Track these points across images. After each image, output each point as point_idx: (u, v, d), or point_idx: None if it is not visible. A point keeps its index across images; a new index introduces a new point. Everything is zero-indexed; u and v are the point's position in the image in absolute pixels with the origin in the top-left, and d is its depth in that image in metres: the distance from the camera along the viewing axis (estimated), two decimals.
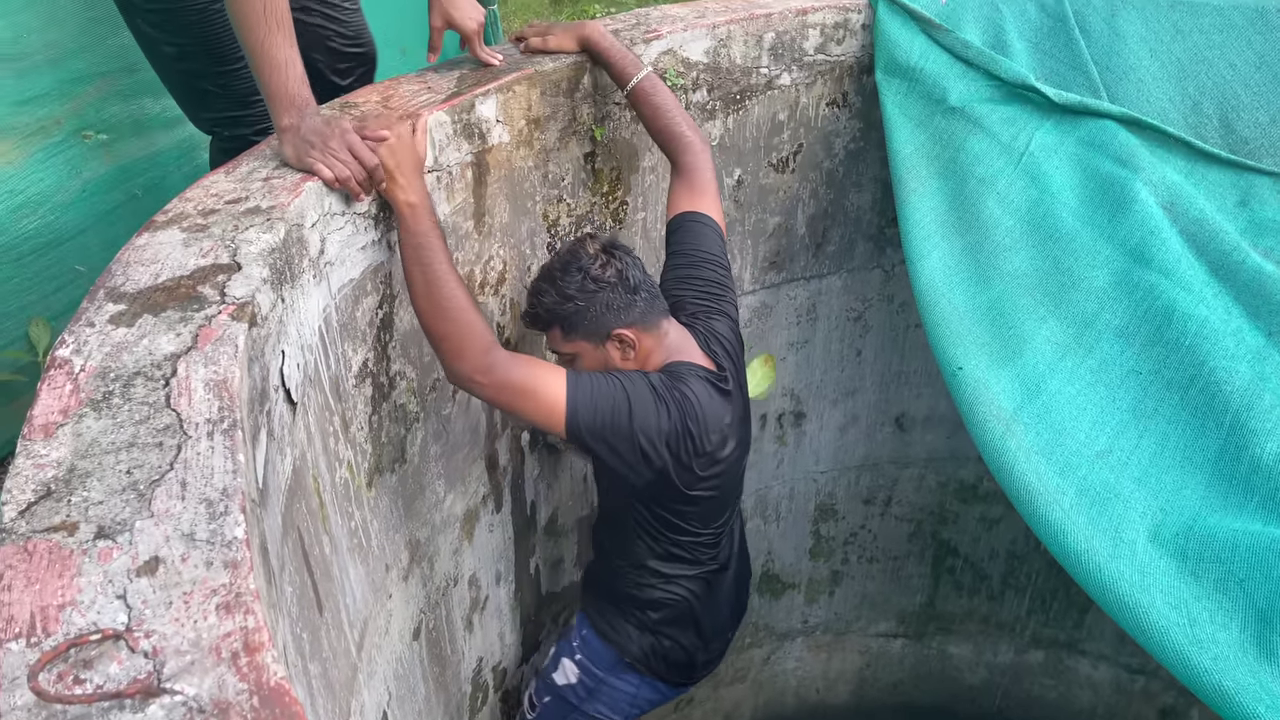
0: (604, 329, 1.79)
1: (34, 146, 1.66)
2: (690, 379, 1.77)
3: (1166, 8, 2.47)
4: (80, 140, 1.75)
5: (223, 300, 1.16)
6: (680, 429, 1.72)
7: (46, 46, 1.64)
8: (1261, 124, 2.34)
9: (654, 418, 1.70)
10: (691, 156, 1.99)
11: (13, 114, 1.63)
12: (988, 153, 2.29)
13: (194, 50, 1.80)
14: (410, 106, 1.75)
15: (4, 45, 1.58)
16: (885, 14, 2.45)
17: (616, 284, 1.78)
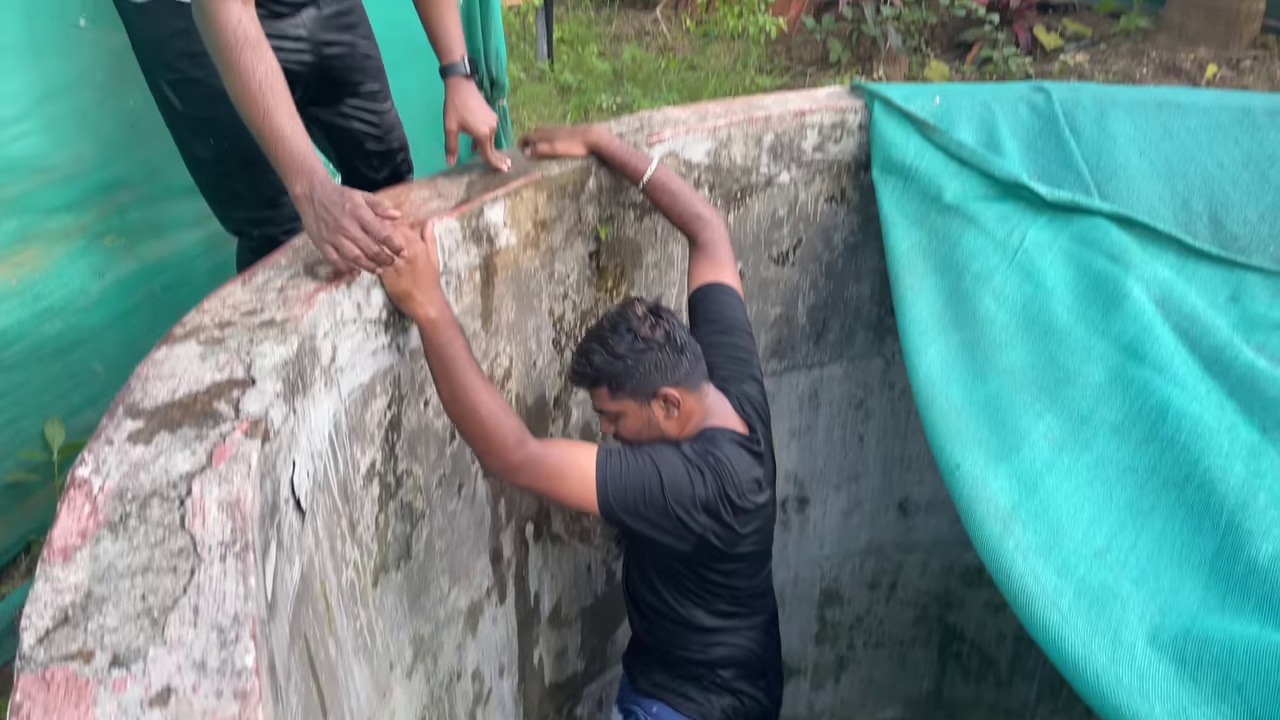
0: (650, 388, 1.82)
1: (58, 251, 1.72)
2: (723, 443, 1.82)
3: (1154, 108, 2.55)
4: (103, 244, 1.81)
5: (237, 416, 1.20)
6: (718, 493, 1.77)
7: (77, 159, 1.72)
8: (1250, 221, 2.40)
9: (688, 488, 1.74)
10: (710, 233, 2.08)
11: (41, 221, 1.69)
12: (983, 249, 2.35)
13: (227, 153, 1.87)
14: (421, 213, 1.81)
15: (39, 158, 1.66)
16: (881, 115, 2.53)
17: (664, 344, 1.82)
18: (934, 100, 2.55)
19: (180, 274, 1.97)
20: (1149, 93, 2.66)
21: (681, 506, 1.73)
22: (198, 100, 1.80)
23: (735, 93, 5.01)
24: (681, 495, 1.73)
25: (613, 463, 1.70)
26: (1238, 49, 4.87)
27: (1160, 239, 2.35)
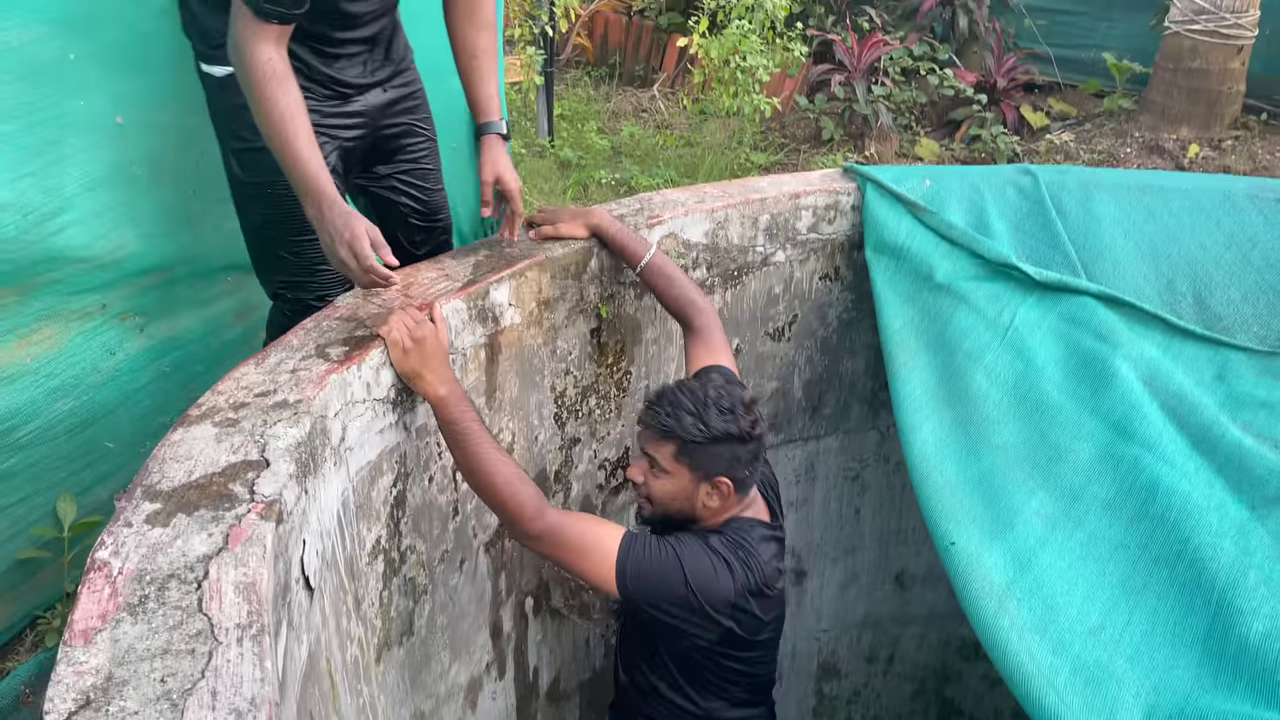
0: (714, 470, 1.82)
1: (75, 330, 1.77)
2: (752, 534, 1.84)
3: (1137, 191, 2.64)
4: (118, 322, 1.86)
5: (252, 498, 1.24)
6: (745, 587, 1.78)
7: (114, 248, 1.78)
8: (1234, 301, 2.47)
9: (714, 582, 1.74)
10: (705, 319, 2.12)
11: (66, 302, 1.74)
12: (974, 327, 2.40)
13: (273, 220, 2.00)
14: (429, 294, 1.87)
15: (78, 249, 1.71)
16: (873, 197, 2.61)
17: (751, 443, 1.83)
18: (924, 183, 2.63)
19: (190, 352, 2.02)
20: (1132, 175, 2.75)
21: (707, 600, 1.73)
22: (256, 168, 1.93)
23: (730, 169, 5.13)
24: (707, 590, 1.73)
25: (636, 548, 1.71)
26: (1219, 129, 5.01)
27: (1146, 318, 2.41)
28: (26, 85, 1.61)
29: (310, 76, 1.90)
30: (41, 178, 1.62)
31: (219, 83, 1.90)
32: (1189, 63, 4.99)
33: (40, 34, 1.61)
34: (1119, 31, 6.46)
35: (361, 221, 1.74)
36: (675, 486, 1.84)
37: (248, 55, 1.70)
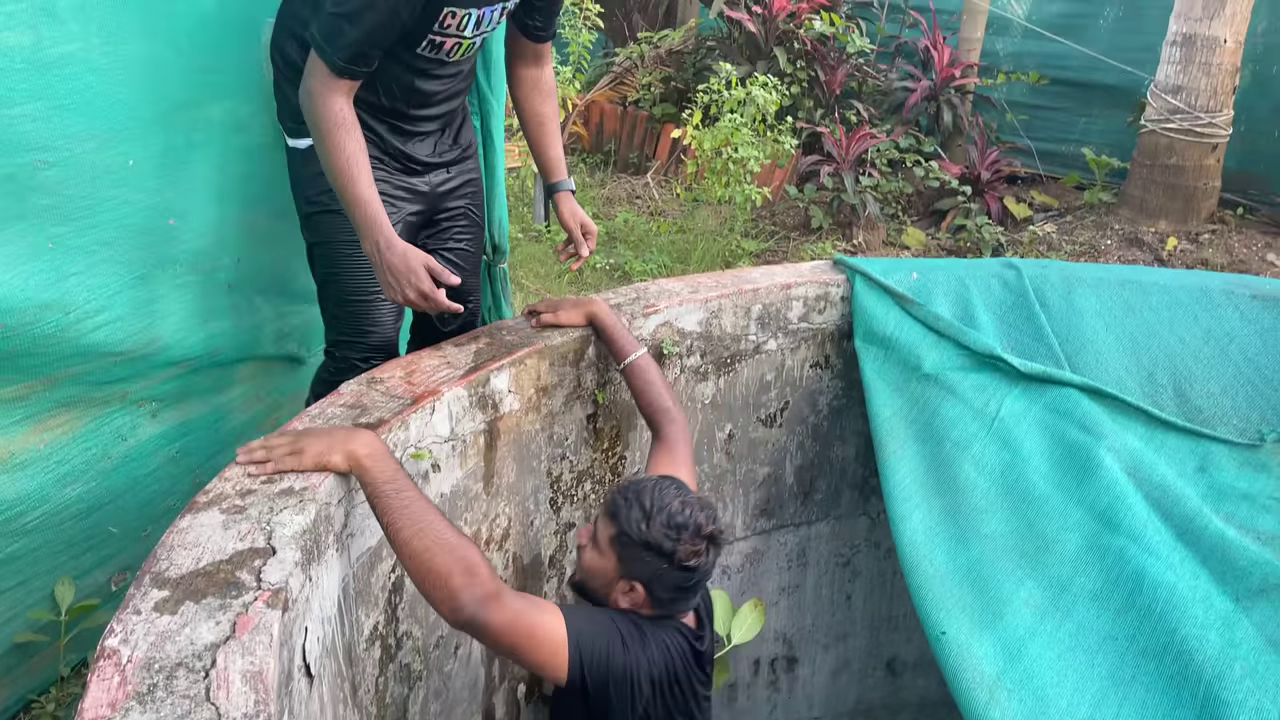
0: (634, 573, 1.74)
1: (91, 417, 1.81)
2: (672, 631, 1.76)
3: (1117, 286, 2.72)
4: (134, 408, 1.90)
5: (259, 586, 1.27)
6: (663, 672, 1.71)
7: (148, 342, 1.83)
8: (1213, 394, 2.54)
9: (642, 654, 1.68)
10: (674, 429, 2.12)
11: (90, 391, 1.78)
12: (961, 418, 2.46)
13: (331, 277, 2.15)
14: (430, 382, 1.92)
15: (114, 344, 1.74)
16: (862, 288, 2.68)
17: (681, 575, 1.73)
18: (911, 275, 2.71)
19: (199, 437, 2.06)
20: (1112, 271, 2.84)
21: (636, 671, 1.66)
22: (320, 229, 2.12)
23: (722, 255, 5.24)
24: (637, 661, 1.67)
25: (579, 620, 1.63)
26: (1196, 223, 5.16)
27: (1129, 410, 2.47)
28: (90, 189, 1.68)
29: (384, 150, 2.09)
30: (87, 276, 1.68)
31: (301, 155, 2.09)
32: (1165, 159, 5.17)
33: (106, 140, 1.70)
34: (1098, 127, 6.69)
35: (418, 255, 1.90)
36: (600, 566, 1.77)
37: (321, 105, 1.87)
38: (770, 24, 6.22)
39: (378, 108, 2.07)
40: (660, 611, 1.77)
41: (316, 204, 2.12)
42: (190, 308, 1.97)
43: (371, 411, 1.78)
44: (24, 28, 1.52)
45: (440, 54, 2.07)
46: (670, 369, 2.50)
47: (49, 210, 1.61)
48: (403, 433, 1.77)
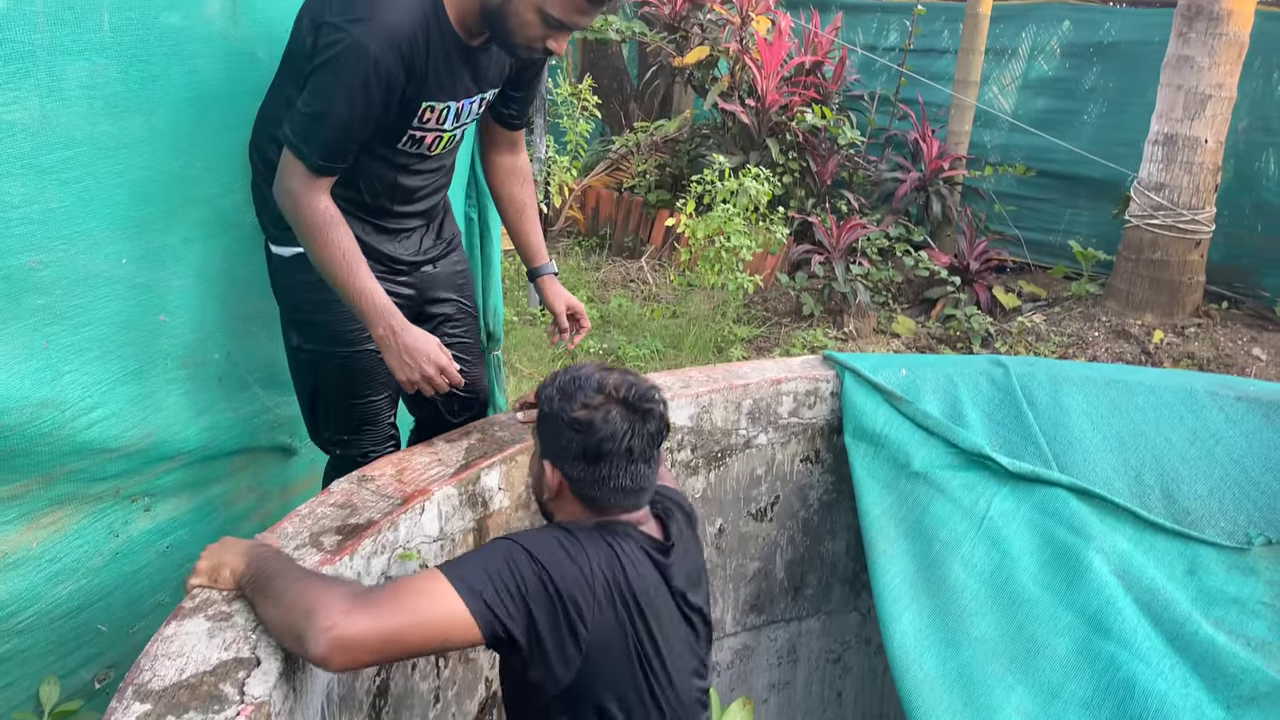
0: (545, 455, 1.59)
1: (84, 513, 1.81)
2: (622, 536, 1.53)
3: (1104, 385, 2.76)
4: (127, 503, 1.91)
5: (241, 699, 1.26)
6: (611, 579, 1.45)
7: (142, 437, 1.84)
8: (1200, 495, 2.55)
9: (570, 564, 1.43)
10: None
11: (84, 488, 1.79)
12: (950, 516, 2.47)
13: (325, 384, 2.16)
14: (421, 481, 1.93)
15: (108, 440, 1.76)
16: (851, 385, 2.71)
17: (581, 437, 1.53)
18: (900, 372, 2.74)
19: (189, 531, 2.06)
20: (1098, 370, 2.88)
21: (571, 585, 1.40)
22: (312, 338, 2.12)
23: (714, 341, 5.29)
24: (565, 573, 1.41)
25: (476, 562, 1.39)
26: (1182, 317, 5.23)
27: (1117, 511, 2.48)
28: (83, 287, 1.71)
29: (367, 253, 2.04)
30: (81, 374, 1.70)
31: (285, 261, 2.08)
32: (1150, 254, 5.26)
33: (101, 240, 1.73)
34: (1084, 218, 6.83)
35: (429, 335, 1.96)
36: (533, 467, 1.64)
37: (304, 205, 1.88)
38: (763, 116, 6.37)
39: (360, 205, 2.06)
40: (592, 508, 1.56)
41: (302, 313, 2.11)
42: (182, 402, 1.98)
43: (361, 511, 1.78)
44: (23, 135, 1.57)
45: (421, 149, 2.07)
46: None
47: (43, 309, 1.64)
48: (391, 534, 1.78)
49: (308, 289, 2.04)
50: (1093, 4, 7.10)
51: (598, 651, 1.44)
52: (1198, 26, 5.02)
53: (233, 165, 2.07)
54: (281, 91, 2.00)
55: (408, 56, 1.87)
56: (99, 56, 1.69)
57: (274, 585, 1.38)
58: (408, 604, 1.31)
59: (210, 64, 1.95)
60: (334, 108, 1.83)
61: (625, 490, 1.56)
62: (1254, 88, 6.00)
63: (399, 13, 1.84)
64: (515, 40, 1.91)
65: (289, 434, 2.42)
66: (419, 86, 1.94)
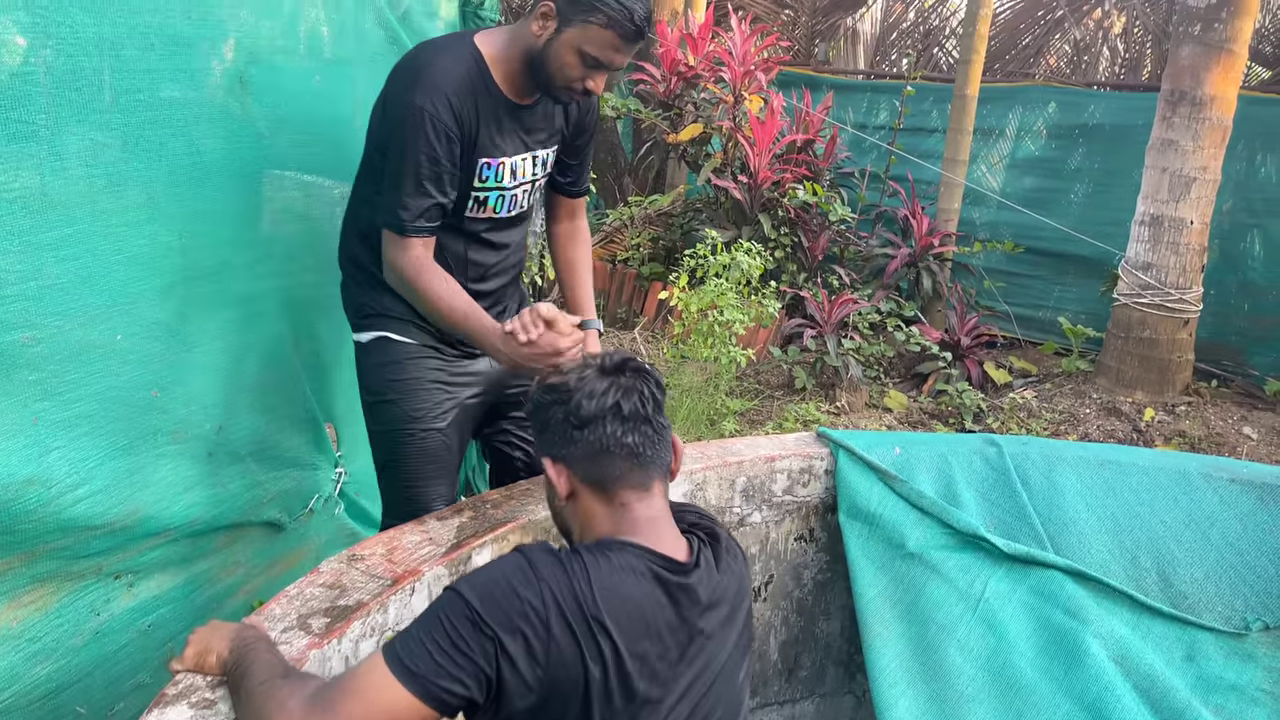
0: (544, 448, 1.49)
1: (66, 591, 1.78)
2: (613, 552, 1.37)
3: (1097, 466, 2.75)
4: (107, 580, 1.87)
5: None
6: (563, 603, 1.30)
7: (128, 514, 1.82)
8: (1197, 579, 2.53)
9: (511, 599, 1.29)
10: None
11: (67, 565, 1.75)
12: (946, 599, 2.44)
13: (391, 462, 2.26)
14: (412, 561, 1.90)
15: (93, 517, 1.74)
16: (845, 463, 2.70)
17: (567, 404, 1.45)
18: (894, 450, 2.74)
19: (173, 609, 2.02)
20: (1091, 450, 2.88)
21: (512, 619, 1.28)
22: (381, 418, 2.23)
23: (707, 414, 5.29)
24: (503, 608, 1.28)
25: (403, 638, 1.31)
26: (1172, 395, 5.26)
27: (1114, 594, 2.46)
28: (75, 363, 1.70)
29: (441, 337, 2.22)
30: (69, 451, 1.69)
31: (362, 347, 2.25)
32: (1139, 332, 5.31)
33: (96, 316, 1.74)
34: (1072, 295, 6.91)
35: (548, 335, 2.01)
36: (547, 488, 1.54)
37: (400, 263, 2.05)
38: (755, 192, 6.47)
39: None
40: (602, 494, 1.43)
41: (376, 394, 2.23)
42: (170, 478, 1.97)
43: (350, 593, 1.75)
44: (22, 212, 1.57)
45: (486, 211, 2.21)
46: None
47: (33, 385, 1.63)
48: (381, 616, 1.74)
49: (382, 370, 2.19)
50: (1077, 87, 7.28)
51: (552, 685, 1.30)
52: (1181, 111, 5.14)
53: (232, 240, 2.09)
54: (360, 191, 2.20)
55: (459, 112, 2.04)
56: (101, 131, 1.71)
57: (245, 684, 1.36)
58: (359, 701, 1.25)
59: (212, 139, 1.98)
60: (407, 166, 2.01)
61: (626, 453, 1.43)
62: (1238, 170, 6.13)
63: (445, 75, 2.03)
64: (556, 83, 2.07)
65: (279, 508, 2.40)
66: (473, 144, 2.10)
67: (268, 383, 2.23)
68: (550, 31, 2.02)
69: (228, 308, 2.10)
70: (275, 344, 2.29)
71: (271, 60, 2.13)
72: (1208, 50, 5.04)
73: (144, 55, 1.76)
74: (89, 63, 1.65)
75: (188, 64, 1.88)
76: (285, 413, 2.36)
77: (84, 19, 1.62)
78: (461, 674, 1.26)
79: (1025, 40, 7.79)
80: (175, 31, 1.82)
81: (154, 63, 1.79)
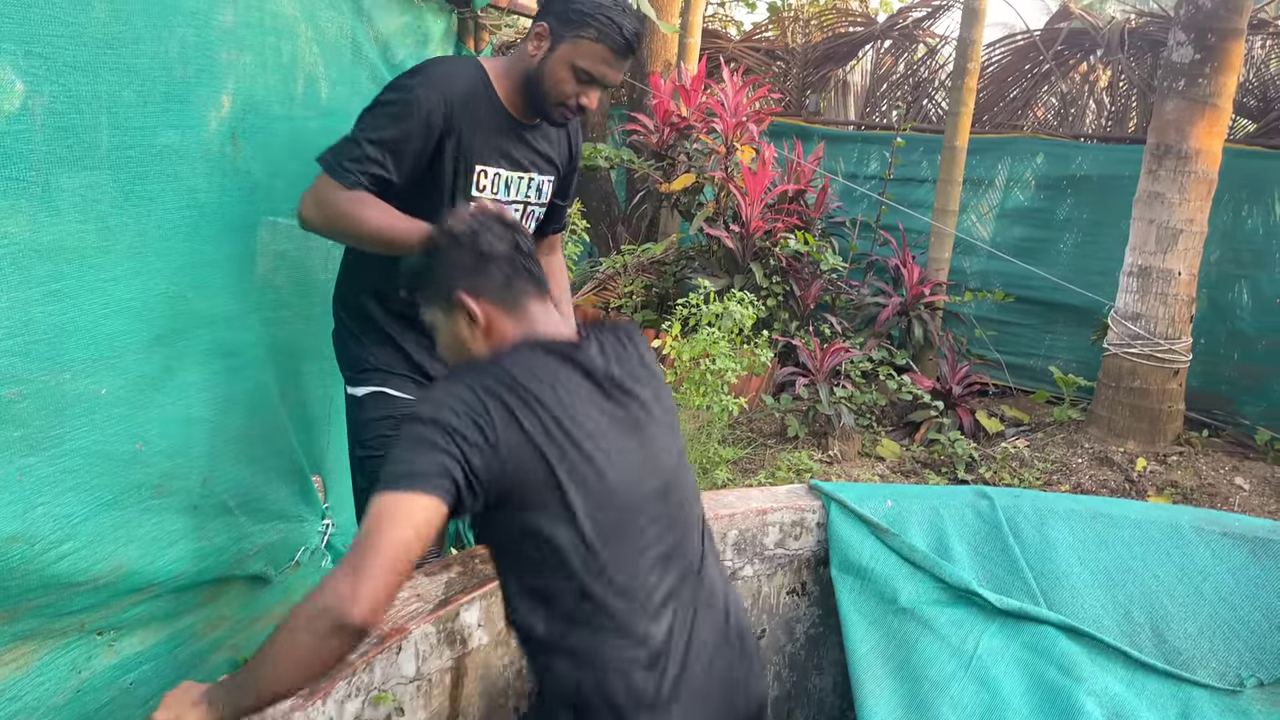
0: (445, 291, 1.66)
1: (48, 648, 1.74)
2: (521, 350, 1.60)
3: (1089, 519, 2.75)
4: (89, 637, 1.84)
5: None
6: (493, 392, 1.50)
7: (112, 569, 1.79)
8: (1190, 635, 2.51)
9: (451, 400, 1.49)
10: None
11: (50, 623, 1.72)
12: (939, 655, 2.42)
13: None
14: (399, 618, 1.88)
15: (78, 574, 1.72)
16: (837, 516, 2.69)
17: (467, 244, 1.66)
18: (885, 503, 2.73)
19: (155, 666, 1.98)
20: (1083, 502, 2.87)
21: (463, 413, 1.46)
22: (374, 474, 2.14)
23: (699, 462, 5.27)
24: (451, 409, 1.46)
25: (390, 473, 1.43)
26: (1163, 444, 5.26)
27: (1108, 651, 2.44)
28: (60, 418, 1.68)
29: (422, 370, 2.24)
30: (53, 506, 1.66)
31: (357, 400, 2.25)
32: (1129, 382, 5.32)
33: (83, 371, 1.72)
34: (1063, 343, 6.94)
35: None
36: (445, 337, 1.70)
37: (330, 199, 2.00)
38: (747, 240, 6.51)
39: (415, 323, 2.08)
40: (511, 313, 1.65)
41: (370, 449, 2.21)
42: (155, 532, 1.94)
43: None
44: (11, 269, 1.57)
45: None
46: None
47: (19, 442, 1.61)
48: (367, 675, 1.72)
49: (378, 424, 2.18)
50: (1064, 139, 7.38)
51: (515, 464, 1.48)
52: (1167, 165, 5.20)
53: (222, 289, 2.08)
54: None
55: (450, 106, 2.07)
56: (94, 180, 1.71)
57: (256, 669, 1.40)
58: (387, 538, 1.37)
59: (206, 189, 1.97)
60: (374, 125, 2.02)
61: (526, 274, 1.69)
62: (1224, 221, 6.20)
63: (447, 78, 2.09)
64: (551, 99, 2.13)
65: (265, 561, 2.37)
66: (467, 145, 2.12)
67: (254, 434, 2.21)
68: (544, 50, 2.11)
69: (215, 359, 2.09)
70: (262, 394, 2.28)
71: (268, 109, 2.14)
72: (1192, 105, 5.12)
73: (141, 109, 1.77)
74: (86, 113, 1.65)
75: (182, 114, 1.88)
76: (272, 464, 2.33)
77: (80, 70, 1.62)
78: (446, 460, 1.42)
79: (1013, 93, 7.90)
80: (173, 79, 1.83)
81: (150, 117, 1.79)
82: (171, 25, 1.82)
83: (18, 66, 1.55)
